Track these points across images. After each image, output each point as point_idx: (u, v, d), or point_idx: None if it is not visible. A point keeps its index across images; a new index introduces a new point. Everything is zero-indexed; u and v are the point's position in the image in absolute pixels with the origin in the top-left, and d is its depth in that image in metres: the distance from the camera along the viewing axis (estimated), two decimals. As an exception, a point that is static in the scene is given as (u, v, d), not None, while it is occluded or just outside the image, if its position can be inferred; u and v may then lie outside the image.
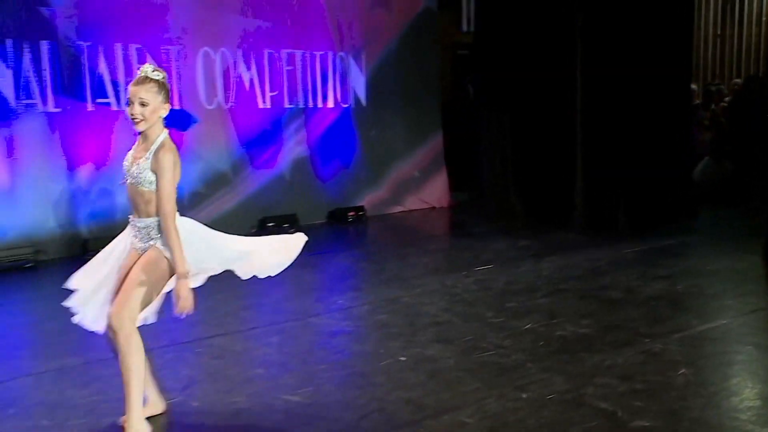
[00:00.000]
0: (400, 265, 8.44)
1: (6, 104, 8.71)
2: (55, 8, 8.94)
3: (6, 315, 7.01)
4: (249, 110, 10.61)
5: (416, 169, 12.34)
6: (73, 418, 4.38)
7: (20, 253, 8.53)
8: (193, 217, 9.78)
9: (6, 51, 8.68)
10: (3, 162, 8.65)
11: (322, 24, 11.23)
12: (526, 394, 4.68)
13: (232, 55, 10.44)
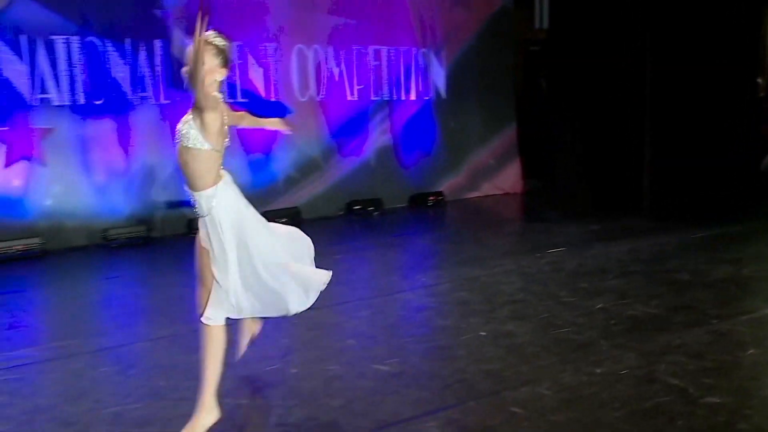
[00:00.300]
0: (477, 246, 8.42)
1: (124, 97, 8.94)
2: (168, 10, 9.12)
3: (123, 286, 7.22)
4: (338, 102, 10.67)
5: (491, 158, 12.26)
6: (185, 380, 4.49)
7: (134, 230, 8.76)
8: (287, 200, 10.04)
9: (125, 49, 8.91)
10: (121, 149, 8.88)
11: (406, 22, 11.22)
12: (599, 369, 4.63)
13: (324, 52, 10.51)
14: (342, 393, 4.33)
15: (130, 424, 3.96)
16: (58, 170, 8.53)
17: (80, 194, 8.65)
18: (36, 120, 8.43)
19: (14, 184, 8.31)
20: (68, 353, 5.07)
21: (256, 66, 9.90)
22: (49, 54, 8.49)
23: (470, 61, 11.91)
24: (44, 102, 8.46)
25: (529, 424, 3.88)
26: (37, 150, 8.42)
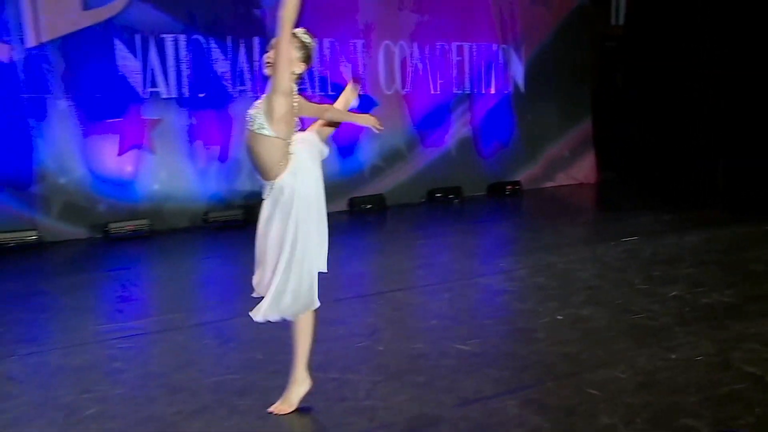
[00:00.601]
0: (552, 234, 8.28)
1: (225, 90, 9.07)
2: (265, 9, 9.20)
3: (221, 265, 7.34)
4: (422, 95, 10.62)
5: (567, 149, 12.04)
6: (280, 354, 4.52)
7: (232, 213, 8.88)
8: (372, 187, 10.07)
9: (226, 46, 9.03)
10: (222, 138, 9.02)
11: (487, 19, 11.08)
12: (674, 354, 4.49)
13: (409, 48, 10.47)
14: (426, 370, 4.30)
15: (231, 392, 4.01)
16: (164, 157, 8.71)
17: (184, 180, 8.82)
18: (146, 111, 8.62)
19: (126, 170, 8.52)
20: (174, 326, 5.18)
21: (346, 61, 9.91)
22: (159, 51, 8.66)
23: (548, 56, 11.71)
24: (154, 95, 8.65)
25: (605, 406, 3.79)
26: (147, 139, 8.61)
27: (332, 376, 4.22)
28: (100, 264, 7.35)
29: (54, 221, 8.11)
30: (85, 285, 6.49)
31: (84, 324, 5.25)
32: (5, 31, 7.80)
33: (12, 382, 4.24)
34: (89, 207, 8.30)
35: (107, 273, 6.91)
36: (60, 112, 8.12)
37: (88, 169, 8.30)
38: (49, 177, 8.09)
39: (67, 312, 5.61)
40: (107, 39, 8.34)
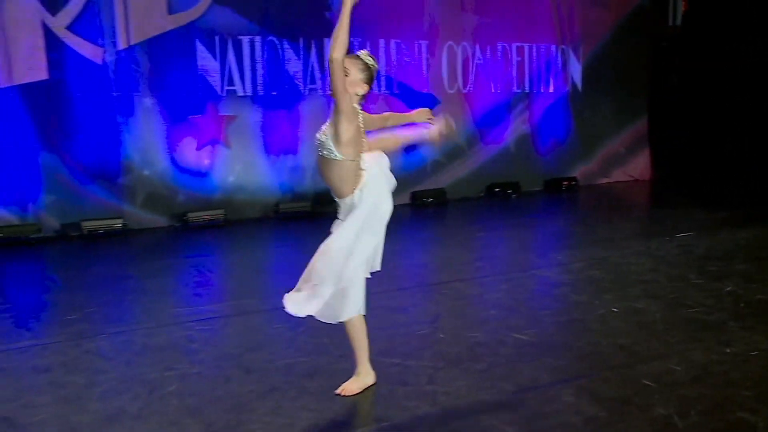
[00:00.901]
0: (608, 228, 8.12)
1: (297, 89, 9.13)
2: (335, 12, 9.19)
3: (291, 254, 7.35)
4: (482, 94, 10.53)
5: (622, 147, 11.80)
6: (346, 339, 4.53)
7: (302, 205, 8.94)
8: (434, 182, 10.05)
9: (298, 47, 9.08)
10: (292, 134, 9.09)
11: (547, 21, 10.92)
12: (729, 348, 4.36)
13: (471, 48, 10.38)
14: (484, 358, 4.27)
15: (300, 375, 4.04)
16: (239, 152, 8.82)
17: (257, 173, 8.92)
18: (223, 109, 8.73)
19: (204, 163, 8.65)
20: (247, 310, 5.24)
21: (411, 61, 9.88)
22: (236, 52, 8.75)
23: (605, 56, 11.48)
24: (230, 93, 8.75)
25: (660, 397, 3.70)
26: (223, 134, 8.72)
27: (395, 361, 4.22)
28: (179, 251, 7.47)
29: (138, 210, 8.30)
30: (166, 270, 6.61)
31: (164, 306, 5.35)
32: (100, 35, 7.98)
33: (102, 358, 4.34)
34: (170, 197, 8.46)
35: (185, 259, 7.02)
36: (145, 109, 8.28)
37: (169, 162, 8.45)
38: (135, 169, 8.27)
39: (149, 295, 5.72)
40: (189, 41, 8.47)
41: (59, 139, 7.85)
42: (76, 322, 4.98)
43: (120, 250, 7.50)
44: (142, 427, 3.44)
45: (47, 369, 4.17)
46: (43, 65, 7.71)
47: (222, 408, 3.63)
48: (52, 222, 7.89)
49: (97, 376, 4.04)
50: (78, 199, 7.97)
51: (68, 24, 7.81)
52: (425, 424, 3.46)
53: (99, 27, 7.95)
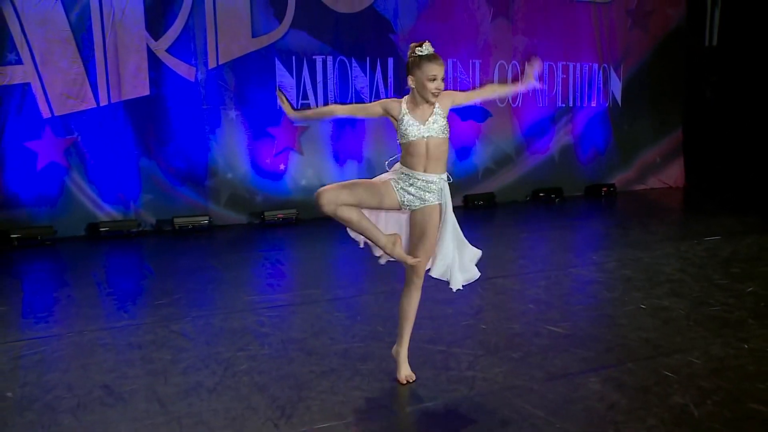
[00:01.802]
0: (641, 231, 7.94)
1: (363, 102, 9.17)
2: (398, 34, 9.27)
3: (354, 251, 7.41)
4: (530, 108, 10.41)
5: (659, 156, 11.50)
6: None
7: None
8: (484, 186, 9.98)
9: (366, 65, 9.15)
10: (359, 142, 9.15)
11: (590, 42, 10.73)
12: (747, 345, 4.25)
13: (521, 66, 10.27)
14: (521, 347, 4.26)
15: (355, 358, 4.10)
16: (310, 158, 8.93)
17: (326, 176, 8.99)
18: (297, 120, 8.85)
19: (280, 167, 8.80)
20: (311, 300, 5.32)
21: (466, 77, 9.85)
22: (310, 70, 8.87)
23: (644, 73, 11.21)
24: (304, 106, 8.86)
25: (679, 387, 3.65)
26: (297, 143, 8.86)
27: (440, 348, 4.25)
28: (256, 245, 7.61)
29: (222, 209, 8.48)
30: (243, 262, 6.75)
31: (240, 294, 5.48)
32: (193, 56, 8.20)
33: (185, 338, 4.48)
34: (249, 198, 8.63)
35: (260, 253, 7.15)
36: (230, 121, 8.47)
37: (249, 167, 8.62)
38: (219, 173, 8.46)
39: (227, 284, 5.86)
40: (269, 60, 8.62)
41: (155, 146, 8.10)
42: (165, 306, 5.15)
43: (205, 244, 7.69)
44: (216, 400, 3.55)
45: (140, 346, 4.33)
46: (146, 83, 7.97)
47: (286, 385, 3.72)
48: (149, 218, 8.15)
49: (181, 353, 4.18)
50: (171, 198, 8.20)
51: (167, 47, 8.06)
52: (464, 406, 3.48)
53: (192, 49, 8.17)
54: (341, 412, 3.41)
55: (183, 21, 8.03)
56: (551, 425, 3.26)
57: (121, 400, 3.53)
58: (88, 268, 6.50)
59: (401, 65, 9.32)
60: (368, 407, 3.46)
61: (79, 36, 7.57)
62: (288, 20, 8.64)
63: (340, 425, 3.27)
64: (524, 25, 10.19)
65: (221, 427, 3.25)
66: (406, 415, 3.39)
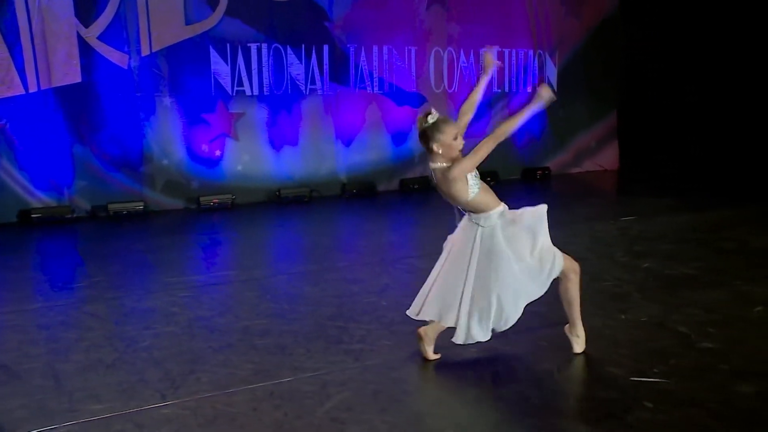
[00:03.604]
0: (563, 212, 8.19)
1: (298, 89, 9.35)
2: (333, 21, 9.43)
3: (289, 234, 7.64)
4: (465, 93, 10.56)
5: (593, 140, 11.86)
6: (301, 306, 4.81)
7: (300, 191, 9.19)
8: (420, 170, 10.18)
9: (301, 52, 9.30)
10: (294, 128, 9.33)
11: (525, 30, 11.01)
12: (624, 315, 4.55)
13: (456, 53, 10.52)
14: (415, 322, 4.45)
15: (254, 334, 4.30)
16: (246, 144, 9.08)
17: (262, 162, 9.17)
18: (233, 106, 9.00)
19: (215, 154, 8.94)
20: (226, 280, 5.53)
21: (402, 64, 10.05)
22: (245, 57, 9.00)
23: (579, 60, 11.54)
24: (239, 93, 9.00)
25: (550, 354, 3.93)
26: (233, 129, 9.00)
27: (338, 324, 4.46)
28: (189, 230, 7.77)
29: (157, 194, 8.61)
30: (172, 246, 6.90)
31: (161, 277, 5.66)
32: (125, 44, 8.27)
33: (94, 318, 4.65)
34: (185, 183, 8.76)
35: (192, 237, 7.32)
36: (164, 108, 8.58)
37: (185, 153, 8.75)
38: (154, 159, 8.58)
39: (150, 267, 6.04)
40: (203, 48, 8.73)
41: (89, 133, 8.18)
42: (83, 288, 5.32)
43: (139, 229, 7.81)
44: (111, 375, 3.73)
45: (48, 327, 4.49)
46: (77, 70, 8.04)
47: (182, 360, 3.91)
48: (84, 204, 8.24)
49: (87, 333, 4.35)
50: (105, 185, 8.30)
51: (98, 34, 8.12)
52: (345, 375, 3.70)
53: (125, 37, 8.25)
54: (228, 383, 3.61)
55: (114, 8, 8.11)
56: (424, 392, 3.51)
57: (16, 378, 3.69)
58: (16, 254, 6.61)
59: (336, 52, 9.50)
60: (254, 378, 3.67)
61: (1, 22, 7.59)
62: (222, 8, 8.75)
63: (222, 395, 3.47)
64: (459, 13, 10.42)
65: (110, 399, 3.43)
66: (287, 383, 3.60)
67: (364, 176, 9.75)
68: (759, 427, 2.96)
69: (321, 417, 3.23)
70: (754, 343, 4.04)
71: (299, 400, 3.41)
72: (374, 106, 9.91)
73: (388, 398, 3.42)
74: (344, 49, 9.60)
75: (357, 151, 9.76)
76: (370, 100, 9.86)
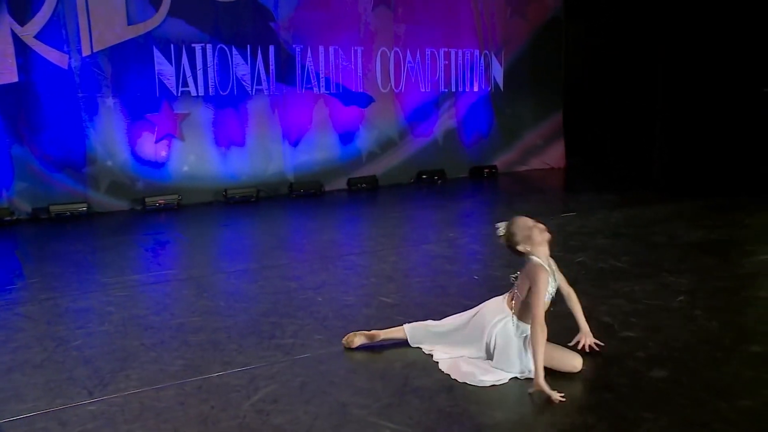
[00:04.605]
0: (507, 209, 8.42)
1: (244, 89, 9.35)
2: (279, 22, 9.45)
3: (233, 233, 7.62)
4: (413, 93, 10.77)
5: (539, 138, 12.08)
6: (237, 302, 4.85)
7: (247, 191, 9.19)
8: (368, 170, 10.25)
9: (246, 53, 9.29)
10: (240, 128, 9.33)
11: (471, 29, 11.17)
12: (554, 308, 4.63)
13: (402, 53, 10.62)
14: (347, 317, 4.53)
15: (188, 331, 4.34)
16: (192, 144, 9.04)
17: (208, 162, 9.15)
18: (178, 107, 8.95)
19: (161, 154, 8.88)
20: (165, 279, 5.52)
21: (348, 64, 10.12)
22: (190, 57, 8.97)
23: (524, 59, 11.72)
24: (184, 93, 8.96)
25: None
26: (178, 129, 8.96)
27: (272, 320, 4.51)
28: (133, 231, 7.70)
29: (101, 195, 8.51)
30: (115, 247, 6.82)
31: (97, 277, 5.63)
32: (66, 44, 8.18)
33: (27, 320, 4.62)
34: (130, 184, 8.69)
35: (136, 237, 7.27)
36: (108, 108, 8.49)
37: (130, 154, 8.68)
38: (98, 160, 8.48)
39: (89, 267, 6.00)
40: (147, 48, 8.67)
41: (28, 133, 8.07)
42: (17, 290, 5.26)
43: (82, 230, 7.72)
44: (39, 374, 3.73)
45: (-23, 328, 4.45)
46: (13, 69, 7.92)
47: (113, 358, 3.93)
48: (24, 206, 8.12)
49: (17, 333, 4.33)
50: (47, 186, 8.18)
51: (35, 33, 8.02)
52: (274, 369, 3.76)
53: (64, 36, 8.15)
54: (157, 379, 3.64)
55: (51, 7, 8.00)
56: (349, 384, 3.58)
57: (-60, 378, 3.67)
58: (-50, 257, 6.50)
59: (282, 53, 9.53)
60: (184, 374, 3.70)
61: (-71, 20, 7.47)
62: (165, 8, 8.70)
63: (151, 390, 3.50)
64: (405, 13, 10.52)
65: (35, 398, 3.44)
66: (216, 378, 3.65)
67: (311, 176, 9.79)
68: (666, 406, 3.10)
69: (247, 409, 3.29)
70: (672, 331, 4.20)
71: (226, 393, 3.46)
72: (321, 106, 9.96)
73: (315, 390, 3.50)
74: (290, 49, 9.63)
75: (304, 150, 9.79)
76: (317, 100, 9.91)
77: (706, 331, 4.22)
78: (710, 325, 4.33)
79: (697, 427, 3.05)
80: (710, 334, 4.17)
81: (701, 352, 3.90)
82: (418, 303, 4.84)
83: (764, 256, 6.01)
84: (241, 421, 3.17)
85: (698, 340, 4.07)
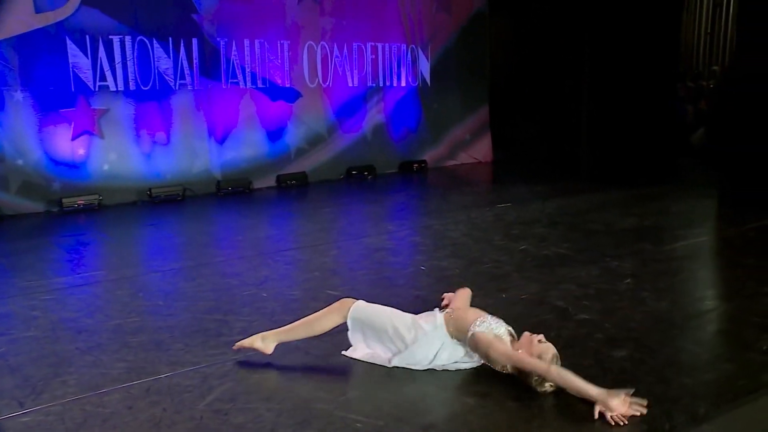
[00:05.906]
0: (441, 202, 8.41)
1: (167, 84, 8.98)
2: (202, 14, 9.13)
3: (161, 232, 7.29)
4: (340, 88, 10.63)
5: (467, 133, 12.16)
6: (177, 301, 4.60)
7: (173, 190, 8.83)
8: (297, 166, 10.06)
9: (168, 46, 8.93)
10: (163, 124, 8.96)
11: (397, 24, 11.14)
12: (505, 294, 4.67)
13: (329, 47, 10.47)
14: (297, 312, 4.34)
15: (127, 332, 4.07)
16: (113, 142, 8.61)
17: (130, 160, 8.73)
18: (96, 102, 8.51)
19: (79, 152, 8.42)
20: (93, 281, 5.20)
21: (274, 58, 9.88)
22: (108, 50, 8.54)
23: (451, 54, 11.78)
24: (102, 88, 8.53)
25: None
26: (97, 126, 8.51)
27: (216, 317, 4.30)
28: (50, 232, 7.24)
29: (13, 197, 7.98)
30: (32, 250, 6.38)
31: (17, 281, 5.23)
32: (-36, 31, 7.64)
33: (-58, 328, 4.23)
34: (45, 185, 8.17)
35: (55, 239, 6.84)
36: (16, 103, 7.97)
37: (43, 152, 8.17)
38: (8, 160, 7.95)
39: (6, 271, 5.57)
40: (59, 38, 8.19)
41: (-72, 131, 7.49)
42: (-73, 297, 4.83)
43: (-7, 234, 7.23)
44: (-38, 384, 3.40)
45: None
46: None
47: (44, 364, 3.63)
48: (-74, 210, 7.54)
49: (-68, 342, 3.95)
50: (-50, 188, 7.64)
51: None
52: (228, 366, 3.56)
53: (-36, 24, 7.61)
54: (99, 383, 3.38)
55: (-53, -8, 7.47)
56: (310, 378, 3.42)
57: None
58: None
59: (206, 46, 9.21)
60: (128, 377, 3.45)
61: None
62: (78, -4, 8.26)
63: (94, 396, 3.24)
64: (332, 7, 10.38)
65: (-41, 411, 3.12)
66: (165, 379, 3.42)
67: (239, 173, 9.51)
68: (636, 384, 3.10)
69: (203, 410, 3.09)
70: (625, 312, 4.25)
71: (178, 394, 3.24)
72: (248, 101, 9.70)
73: (274, 386, 3.33)
74: (214, 42, 9.31)
75: (231, 147, 9.50)
76: (243, 95, 9.64)
77: (657, 311, 4.28)
78: (660, 305, 4.40)
79: (669, 403, 3.06)
80: (662, 314, 4.23)
81: (656, 332, 3.94)
82: (365, 295, 4.68)
83: (693, 240, 6.22)
84: (198, 422, 2.97)
85: (652, 320, 4.11)
